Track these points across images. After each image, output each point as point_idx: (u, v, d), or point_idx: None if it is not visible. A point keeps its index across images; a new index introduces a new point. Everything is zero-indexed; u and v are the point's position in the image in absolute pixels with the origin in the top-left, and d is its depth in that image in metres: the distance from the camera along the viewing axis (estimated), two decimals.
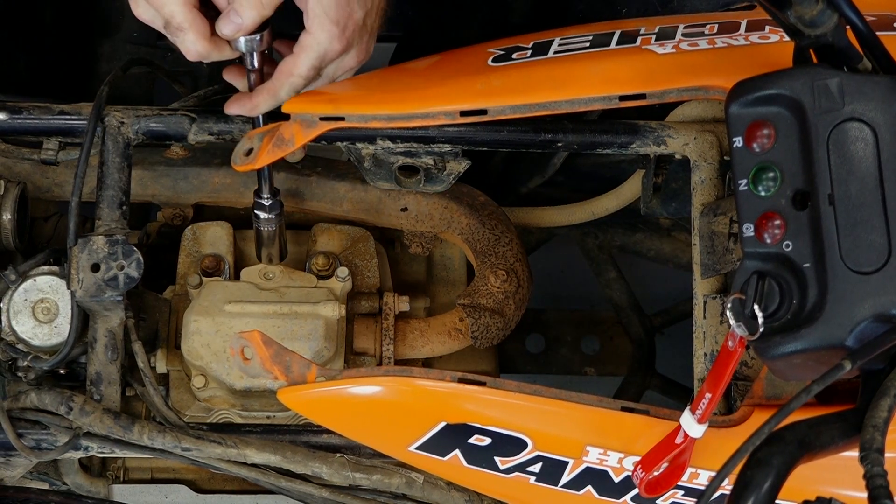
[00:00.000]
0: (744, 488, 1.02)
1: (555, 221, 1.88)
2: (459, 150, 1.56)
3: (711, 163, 1.48)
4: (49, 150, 1.54)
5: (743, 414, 1.36)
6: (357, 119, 1.38)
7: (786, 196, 1.17)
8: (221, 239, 1.62)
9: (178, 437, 1.43)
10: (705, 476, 1.36)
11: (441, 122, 1.40)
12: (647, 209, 1.69)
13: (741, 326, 1.17)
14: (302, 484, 1.48)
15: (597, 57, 1.45)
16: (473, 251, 1.66)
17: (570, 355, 2.24)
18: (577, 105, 1.40)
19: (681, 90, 1.41)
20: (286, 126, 1.38)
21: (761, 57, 1.38)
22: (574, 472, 1.38)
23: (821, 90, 1.16)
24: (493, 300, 1.62)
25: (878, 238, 1.12)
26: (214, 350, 1.49)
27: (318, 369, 1.36)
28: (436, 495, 1.49)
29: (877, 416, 1.04)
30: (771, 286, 1.16)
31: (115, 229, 1.47)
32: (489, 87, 1.41)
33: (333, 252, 1.62)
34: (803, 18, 1.14)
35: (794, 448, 1.04)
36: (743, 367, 1.40)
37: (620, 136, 1.52)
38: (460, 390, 1.37)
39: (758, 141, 1.18)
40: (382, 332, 1.59)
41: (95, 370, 1.47)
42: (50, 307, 1.50)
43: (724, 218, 1.41)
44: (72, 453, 1.46)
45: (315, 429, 1.48)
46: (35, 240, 1.65)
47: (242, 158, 1.39)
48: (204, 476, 1.76)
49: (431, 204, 1.67)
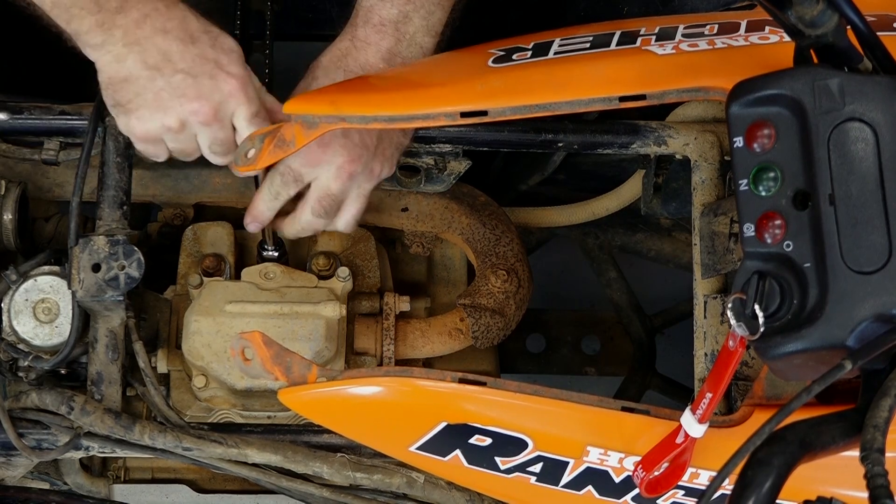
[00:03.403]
0: (744, 488, 1.02)
1: (555, 221, 1.88)
2: (460, 150, 1.56)
3: (712, 163, 1.48)
4: (50, 151, 1.54)
5: (743, 414, 1.36)
6: (358, 120, 1.38)
7: (786, 196, 1.17)
8: (222, 239, 1.62)
9: (179, 437, 1.43)
10: (706, 476, 1.36)
11: (442, 124, 1.40)
12: (648, 209, 1.69)
13: (742, 326, 1.17)
14: (303, 484, 1.48)
15: (597, 58, 1.45)
16: (474, 251, 1.66)
17: (570, 355, 2.24)
18: (577, 106, 1.40)
19: (681, 91, 1.41)
20: (287, 127, 1.38)
21: (761, 57, 1.38)
22: (575, 472, 1.38)
23: (821, 90, 1.16)
24: (493, 300, 1.62)
25: (879, 238, 1.12)
26: (215, 350, 1.49)
27: (319, 370, 1.36)
28: (436, 495, 1.49)
29: (877, 415, 1.04)
30: (772, 286, 1.16)
31: (116, 229, 1.47)
32: (490, 87, 1.41)
33: (334, 252, 1.62)
34: (804, 18, 1.14)
35: (794, 448, 1.04)
36: (743, 367, 1.40)
37: (621, 137, 1.52)
38: (461, 390, 1.37)
39: (758, 141, 1.18)
40: (383, 332, 1.59)
41: (96, 370, 1.47)
42: (51, 307, 1.50)
43: (724, 218, 1.41)
44: (73, 453, 1.46)
45: (316, 429, 1.48)
46: (36, 240, 1.65)
47: (244, 160, 1.39)
48: (205, 476, 1.76)
49: (432, 204, 1.67)
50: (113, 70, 1.36)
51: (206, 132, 1.39)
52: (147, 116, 1.38)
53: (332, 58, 1.48)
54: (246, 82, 1.39)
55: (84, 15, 1.31)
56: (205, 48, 1.37)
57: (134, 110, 1.38)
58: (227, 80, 1.38)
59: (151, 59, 1.34)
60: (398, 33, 1.45)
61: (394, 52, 1.45)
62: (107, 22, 1.32)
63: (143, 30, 1.34)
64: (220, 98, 1.37)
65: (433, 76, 1.47)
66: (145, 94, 1.36)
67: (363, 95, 1.40)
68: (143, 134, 1.40)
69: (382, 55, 1.45)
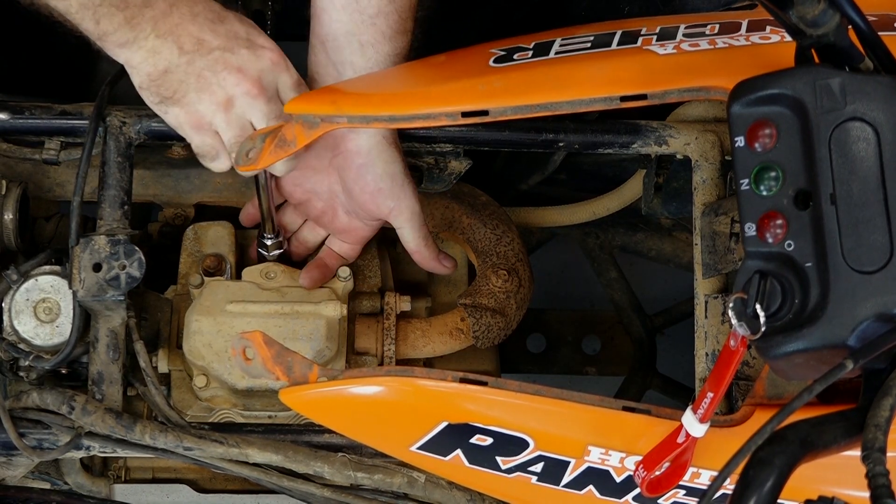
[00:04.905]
0: (746, 488, 1.02)
1: (556, 221, 1.88)
2: (461, 149, 1.56)
3: (713, 162, 1.48)
4: (51, 150, 1.54)
5: (744, 413, 1.36)
6: (359, 120, 1.38)
7: (787, 196, 1.17)
8: (223, 239, 1.62)
9: (180, 437, 1.43)
10: (707, 476, 1.36)
11: (442, 123, 1.40)
12: (649, 209, 1.69)
13: (743, 326, 1.17)
14: (304, 483, 1.48)
15: (598, 57, 1.45)
16: (475, 251, 1.66)
17: (571, 355, 2.24)
18: (578, 106, 1.40)
19: (682, 90, 1.41)
20: (288, 127, 1.38)
21: (762, 57, 1.38)
22: (576, 471, 1.38)
23: (823, 90, 1.16)
24: (494, 300, 1.62)
25: (880, 237, 1.12)
26: (216, 350, 1.49)
27: (320, 369, 1.36)
28: (437, 495, 1.49)
29: (879, 415, 1.04)
30: (773, 286, 1.16)
31: (117, 229, 1.47)
32: (490, 87, 1.41)
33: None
34: (805, 18, 1.14)
35: (796, 447, 1.04)
36: (744, 367, 1.40)
37: (622, 136, 1.52)
38: (462, 390, 1.37)
39: (760, 140, 1.18)
40: (384, 331, 1.59)
41: (97, 370, 1.47)
42: (52, 307, 1.50)
43: (725, 218, 1.41)
44: (73, 453, 1.46)
45: (317, 428, 1.48)
46: (37, 239, 1.65)
47: (244, 159, 1.39)
48: (205, 476, 1.76)
49: (433, 203, 1.67)
50: (150, 65, 1.34)
51: (255, 107, 1.38)
52: (195, 100, 1.36)
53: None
54: (281, 52, 1.39)
55: (113, 13, 1.29)
56: (234, 24, 1.37)
57: (181, 99, 1.36)
58: (265, 51, 1.37)
59: (187, 44, 1.34)
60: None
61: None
62: (136, 17, 1.30)
63: (172, 18, 1.33)
64: (261, 66, 1.37)
65: (434, 76, 1.47)
66: (188, 79, 1.35)
67: (364, 95, 1.40)
68: (196, 121, 1.38)
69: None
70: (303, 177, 1.54)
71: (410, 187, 1.51)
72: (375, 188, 1.49)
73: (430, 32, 1.83)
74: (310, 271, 1.56)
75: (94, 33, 1.32)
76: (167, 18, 1.33)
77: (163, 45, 1.33)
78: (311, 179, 1.54)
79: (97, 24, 1.31)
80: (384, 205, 1.51)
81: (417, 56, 1.54)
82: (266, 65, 1.38)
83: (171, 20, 1.33)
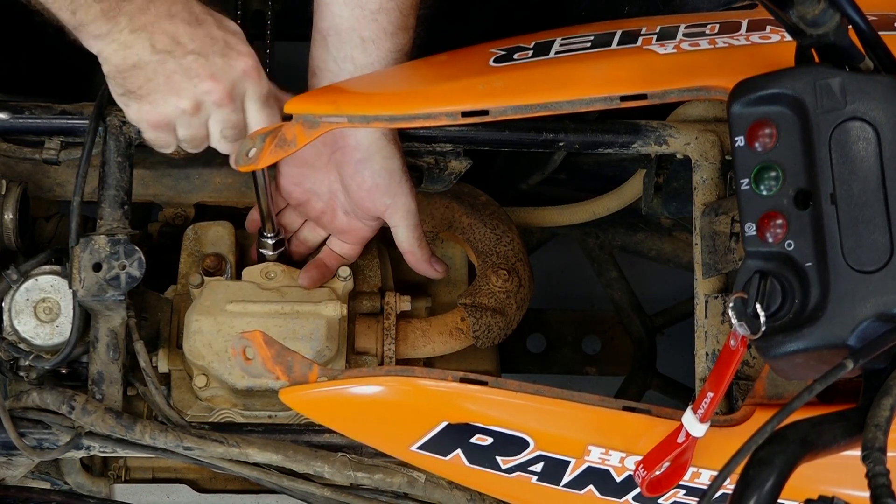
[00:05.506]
0: (746, 487, 1.02)
1: (556, 221, 1.88)
2: (461, 149, 1.56)
3: (713, 162, 1.48)
4: (51, 150, 1.54)
5: (745, 413, 1.36)
6: (359, 120, 1.38)
7: (788, 195, 1.17)
8: (223, 238, 1.61)
9: (180, 437, 1.43)
10: (707, 475, 1.36)
11: (442, 123, 1.40)
12: (649, 209, 1.69)
13: (743, 326, 1.17)
14: (304, 483, 1.48)
15: (598, 57, 1.45)
16: (475, 250, 1.66)
17: (571, 355, 2.24)
18: (578, 105, 1.40)
19: (682, 90, 1.41)
20: (288, 127, 1.38)
21: (762, 57, 1.38)
22: (576, 471, 1.38)
23: (823, 89, 1.16)
24: (494, 300, 1.62)
25: (881, 237, 1.12)
26: (216, 349, 1.49)
27: (320, 369, 1.36)
28: (437, 494, 1.49)
29: (879, 415, 1.04)
30: (773, 285, 1.16)
31: (117, 229, 1.47)
32: (491, 87, 1.41)
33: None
34: (805, 18, 1.14)
35: (796, 447, 1.04)
36: (744, 367, 1.40)
37: (622, 136, 1.52)
38: (462, 390, 1.37)
39: (760, 140, 1.18)
40: (384, 331, 1.59)
41: (97, 369, 1.47)
42: (52, 307, 1.50)
43: (725, 217, 1.41)
44: (73, 453, 1.47)
45: (317, 428, 1.48)
46: (37, 239, 1.65)
47: (245, 159, 1.39)
48: (206, 475, 1.76)
49: (433, 203, 1.67)
50: (119, 58, 1.33)
51: (220, 114, 1.38)
52: (160, 100, 1.36)
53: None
54: (257, 61, 1.39)
55: (90, 4, 1.29)
56: (212, 29, 1.36)
57: (146, 95, 1.36)
58: (239, 59, 1.37)
59: (160, 43, 1.33)
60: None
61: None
62: (112, 10, 1.30)
63: (148, 15, 1.32)
64: (233, 76, 1.36)
65: (434, 76, 1.47)
66: (156, 78, 1.34)
67: (364, 95, 1.40)
68: (157, 120, 1.38)
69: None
70: (302, 176, 1.54)
71: (408, 185, 1.51)
72: (373, 184, 1.49)
73: (430, 31, 1.83)
74: (309, 271, 1.56)
75: (71, 23, 1.31)
76: (143, 14, 1.32)
77: (136, 41, 1.33)
78: (311, 178, 1.54)
79: (73, 15, 1.30)
80: (380, 201, 1.51)
81: (418, 55, 1.54)
82: (237, 74, 1.37)
83: (148, 17, 1.32)
